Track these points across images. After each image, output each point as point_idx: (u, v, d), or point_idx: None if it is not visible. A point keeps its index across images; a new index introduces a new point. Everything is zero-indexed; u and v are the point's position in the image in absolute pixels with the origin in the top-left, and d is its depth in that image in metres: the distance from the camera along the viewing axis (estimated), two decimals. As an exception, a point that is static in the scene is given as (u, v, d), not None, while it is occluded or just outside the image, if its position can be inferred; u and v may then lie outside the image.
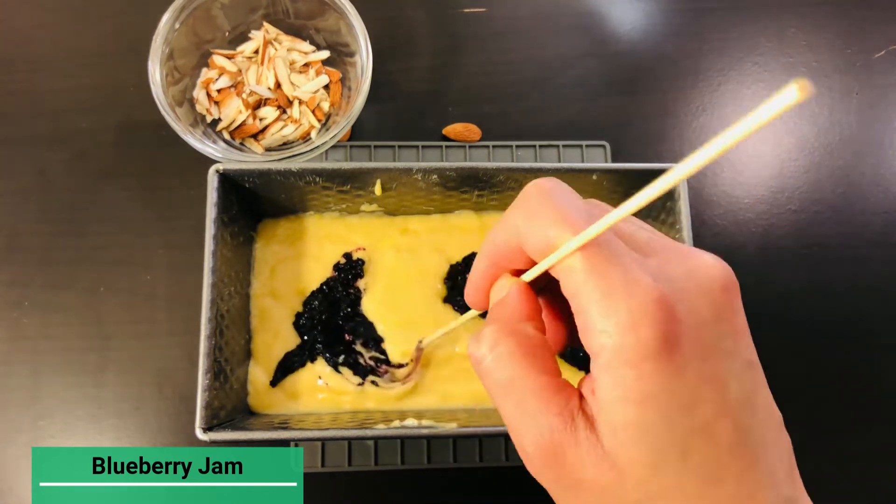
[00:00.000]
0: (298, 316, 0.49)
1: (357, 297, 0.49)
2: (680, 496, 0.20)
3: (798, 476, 0.22)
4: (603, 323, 0.20)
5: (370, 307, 0.49)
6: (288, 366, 0.48)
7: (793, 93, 0.14)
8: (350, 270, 0.50)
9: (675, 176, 0.19)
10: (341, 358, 0.48)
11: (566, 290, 0.21)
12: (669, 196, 0.45)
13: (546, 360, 0.23)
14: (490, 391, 0.23)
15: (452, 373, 0.48)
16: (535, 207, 0.22)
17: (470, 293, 0.27)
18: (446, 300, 0.49)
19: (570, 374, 0.49)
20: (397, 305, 0.49)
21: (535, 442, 0.21)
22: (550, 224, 0.21)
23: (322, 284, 0.49)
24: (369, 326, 0.49)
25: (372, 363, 0.48)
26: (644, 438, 0.19)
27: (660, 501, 0.20)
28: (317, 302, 0.49)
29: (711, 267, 0.22)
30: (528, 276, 0.25)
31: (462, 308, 0.49)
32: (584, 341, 0.21)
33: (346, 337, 0.48)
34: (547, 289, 0.26)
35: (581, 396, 0.22)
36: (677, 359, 0.19)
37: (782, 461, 0.21)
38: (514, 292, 0.24)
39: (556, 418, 0.21)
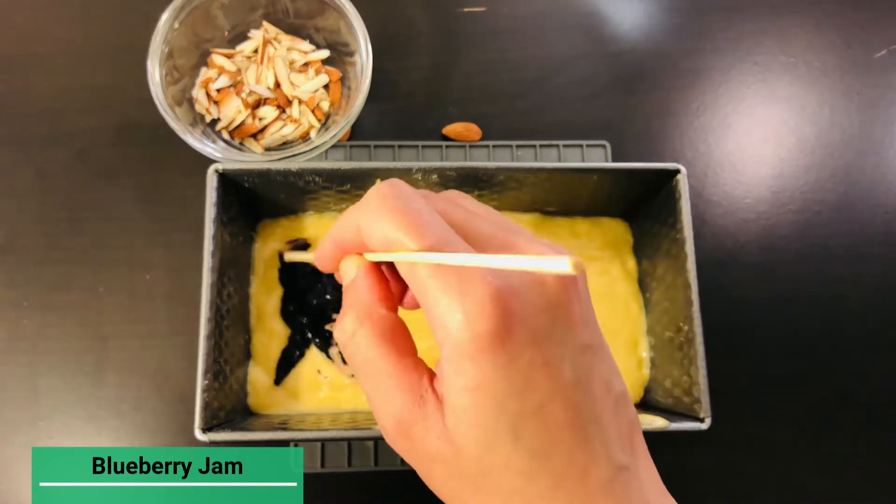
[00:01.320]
0: (284, 304, 0.49)
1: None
2: (511, 472, 0.22)
3: (640, 445, 0.24)
4: (442, 319, 0.22)
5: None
6: (288, 360, 0.48)
7: (565, 265, 0.16)
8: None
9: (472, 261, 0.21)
10: (330, 345, 0.48)
11: (412, 287, 0.23)
12: (670, 195, 0.45)
13: (401, 339, 0.25)
14: (356, 374, 0.26)
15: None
16: (375, 209, 0.24)
17: (319, 260, 0.29)
18: None
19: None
20: None
21: (389, 417, 0.24)
22: (391, 226, 0.23)
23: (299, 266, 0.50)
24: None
25: None
26: (478, 421, 0.22)
27: (494, 476, 0.22)
28: (300, 286, 0.49)
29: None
30: (372, 257, 0.27)
31: None
32: (434, 335, 0.23)
33: (333, 316, 0.48)
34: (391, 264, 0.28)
35: (432, 375, 0.24)
36: (510, 349, 0.21)
37: (620, 434, 0.23)
38: (363, 275, 0.27)
39: (406, 395, 0.24)
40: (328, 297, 0.49)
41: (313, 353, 0.48)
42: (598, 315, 0.26)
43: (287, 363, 0.48)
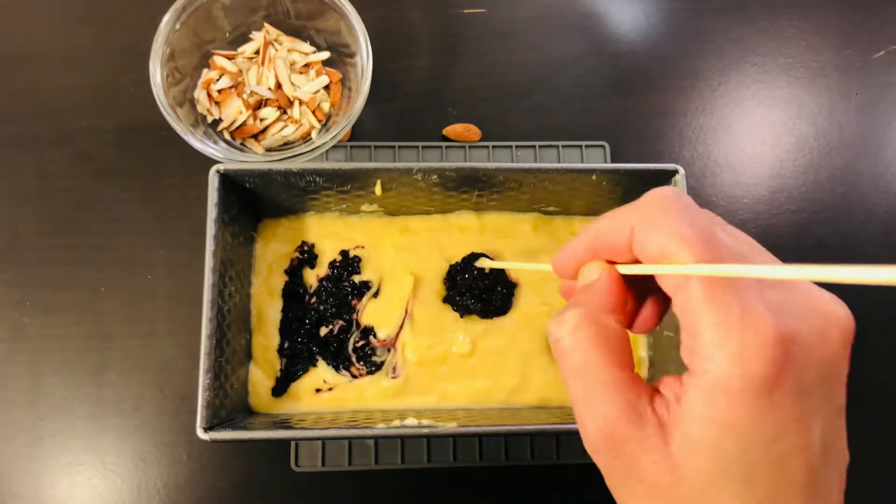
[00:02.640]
0: (284, 317, 0.49)
1: (350, 293, 0.50)
2: None
3: None
4: (713, 349, 0.20)
5: (367, 306, 0.49)
6: (291, 375, 0.48)
7: None
8: (346, 267, 0.50)
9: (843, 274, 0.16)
10: (335, 359, 0.48)
11: (678, 306, 0.22)
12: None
13: (623, 353, 0.24)
14: (563, 372, 0.24)
15: (451, 372, 0.48)
16: (658, 216, 0.22)
17: (560, 262, 0.27)
18: (445, 300, 0.50)
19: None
20: (393, 305, 0.49)
21: (598, 427, 0.22)
22: (670, 238, 0.22)
23: (311, 285, 0.49)
24: (359, 327, 0.49)
25: (360, 346, 0.49)
26: (715, 457, 0.20)
27: None
28: (307, 300, 0.49)
29: (833, 311, 0.22)
30: (627, 270, 0.25)
31: (460, 308, 0.49)
32: (687, 358, 0.21)
33: (332, 331, 0.49)
34: (631, 280, 0.27)
35: (653, 394, 0.23)
36: (776, 396, 0.20)
37: (838, 499, 0.22)
38: (605, 281, 0.25)
39: (622, 411, 0.22)
40: (321, 306, 0.49)
41: (317, 370, 0.48)
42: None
43: (287, 379, 0.48)
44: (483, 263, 0.49)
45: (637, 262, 0.24)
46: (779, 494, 0.20)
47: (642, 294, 0.27)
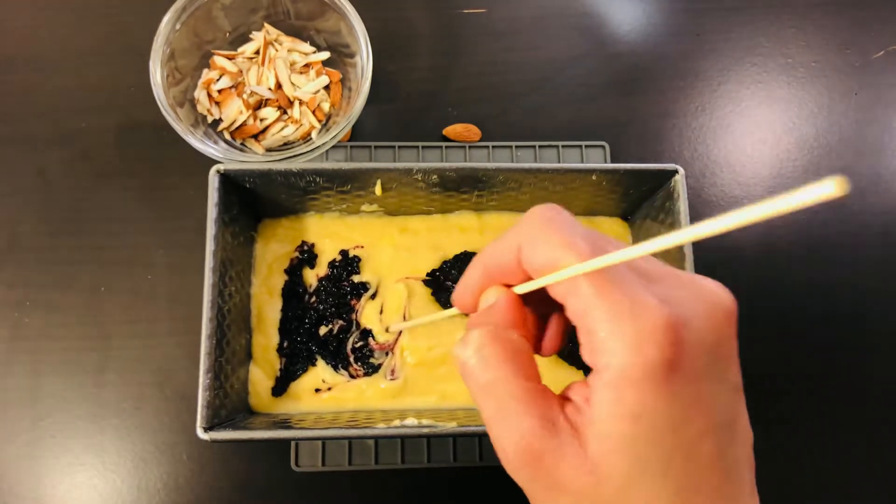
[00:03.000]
0: (283, 317, 0.49)
1: (349, 293, 0.50)
2: None
3: (756, 492, 0.24)
4: (610, 343, 0.21)
5: (366, 308, 0.49)
6: (290, 374, 0.48)
7: (830, 187, 0.15)
8: (345, 267, 0.50)
9: (697, 232, 0.18)
10: (334, 358, 0.48)
11: (572, 310, 0.22)
12: (668, 196, 0.46)
13: (528, 366, 0.24)
14: (472, 393, 0.24)
15: (451, 372, 0.48)
16: (540, 230, 0.23)
17: (459, 296, 0.28)
18: (433, 295, 0.50)
19: (569, 373, 0.49)
20: (389, 314, 0.49)
21: (515, 443, 0.22)
22: (555, 247, 0.22)
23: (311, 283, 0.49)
24: (359, 327, 0.49)
25: (358, 347, 0.49)
26: (630, 451, 0.21)
27: None
28: (307, 299, 0.49)
29: (716, 293, 0.23)
30: (522, 289, 0.26)
31: (445, 304, 0.49)
32: (589, 358, 0.22)
33: (331, 330, 0.49)
34: (529, 301, 0.28)
35: (562, 402, 0.23)
36: (675, 381, 0.20)
37: (750, 477, 0.23)
38: (503, 301, 0.26)
39: (536, 421, 0.22)
40: (321, 306, 0.49)
41: (316, 369, 0.48)
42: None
43: (287, 378, 0.48)
44: (393, 328, 0.49)
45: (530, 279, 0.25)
46: (694, 478, 0.21)
47: (544, 318, 0.28)
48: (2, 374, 0.51)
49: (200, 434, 0.39)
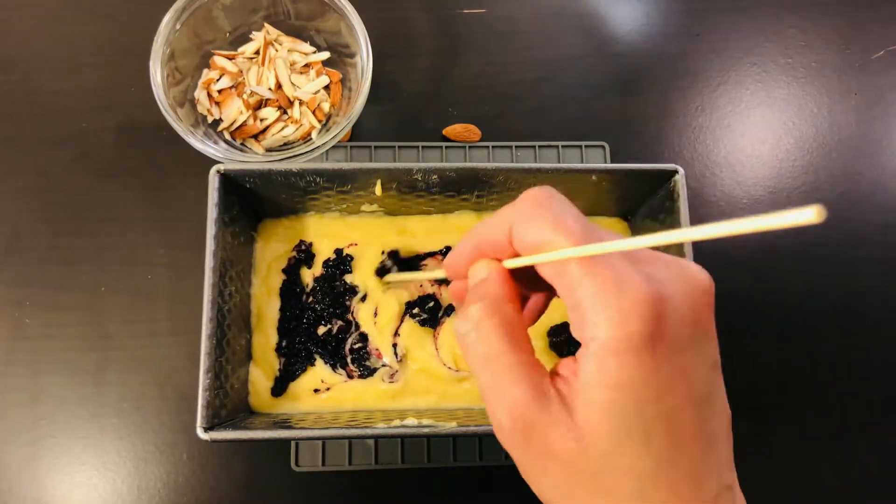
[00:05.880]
0: (282, 316, 0.49)
1: (345, 294, 0.50)
2: (634, 474, 0.22)
3: (734, 467, 0.25)
4: (595, 317, 0.22)
5: (359, 310, 0.49)
6: (290, 374, 0.48)
7: (810, 214, 0.16)
8: (338, 266, 0.50)
9: (690, 235, 0.20)
10: (332, 358, 0.48)
11: (561, 288, 0.24)
12: (668, 196, 0.46)
13: (523, 339, 0.25)
14: (471, 364, 0.26)
15: (451, 372, 0.48)
16: (532, 211, 0.25)
17: (450, 263, 0.29)
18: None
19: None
20: (383, 304, 0.49)
21: (509, 412, 0.24)
22: (547, 229, 0.24)
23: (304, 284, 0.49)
24: (358, 328, 0.49)
25: (356, 348, 0.49)
26: (613, 418, 0.22)
27: (616, 477, 0.22)
28: (303, 299, 0.49)
29: (696, 274, 0.24)
30: (511, 264, 0.27)
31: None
32: (577, 332, 0.23)
33: (330, 329, 0.49)
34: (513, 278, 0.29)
35: (553, 376, 0.24)
36: (658, 352, 0.22)
37: (728, 453, 0.24)
38: (496, 275, 0.27)
39: (529, 392, 0.24)
40: (318, 305, 0.49)
41: (314, 369, 0.48)
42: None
43: (286, 378, 0.48)
44: (388, 278, 0.49)
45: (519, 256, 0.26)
46: (674, 447, 0.22)
47: (523, 297, 0.29)
48: (2, 374, 0.51)
49: (200, 434, 0.39)
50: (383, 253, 0.50)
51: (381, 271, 0.50)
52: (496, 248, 0.27)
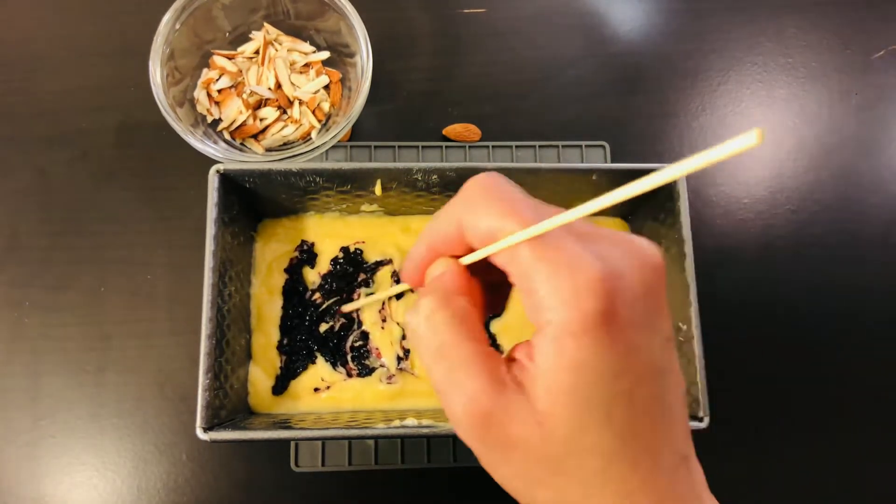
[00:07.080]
0: (284, 314, 0.49)
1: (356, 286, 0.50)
2: (597, 453, 0.22)
3: (691, 439, 0.25)
4: (550, 300, 0.22)
5: (364, 309, 0.50)
6: (291, 372, 0.48)
7: (752, 137, 0.16)
8: (349, 263, 0.50)
9: (628, 191, 0.20)
10: (333, 356, 0.48)
11: (514, 275, 0.23)
12: (669, 196, 0.46)
13: (476, 330, 0.25)
14: (423, 357, 0.25)
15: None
16: (479, 201, 0.24)
17: (407, 272, 0.29)
18: None
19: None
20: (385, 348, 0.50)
21: (464, 404, 0.23)
22: (496, 216, 0.23)
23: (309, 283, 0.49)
24: (360, 326, 0.49)
25: (357, 346, 0.49)
26: (574, 401, 0.22)
27: (579, 458, 0.22)
28: (307, 298, 0.49)
29: (646, 249, 0.24)
30: (467, 259, 0.26)
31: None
32: (532, 317, 0.23)
33: (333, 327, 0.49)
34: (477, 271, 0.29)
35: (508, 363, 0.24)
36: (613, 330, 0.22)
37: (683, 425, 0.24)
38: (451, 271, 0.27)
39: (485, 383, 0.23)
40: (324, 301, 0.49)
41: (315, 367, 0.48)
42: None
43: (287, 376, 0.48)
44: (344, 308, 0.49)
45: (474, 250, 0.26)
46: (633, 423, 0.22)
47: (493, 287, 0.29)
48: (2, 374, 0.51)
49: (200, 434, 0.39)
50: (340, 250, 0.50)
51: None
52: (450, 244, 0.26)
